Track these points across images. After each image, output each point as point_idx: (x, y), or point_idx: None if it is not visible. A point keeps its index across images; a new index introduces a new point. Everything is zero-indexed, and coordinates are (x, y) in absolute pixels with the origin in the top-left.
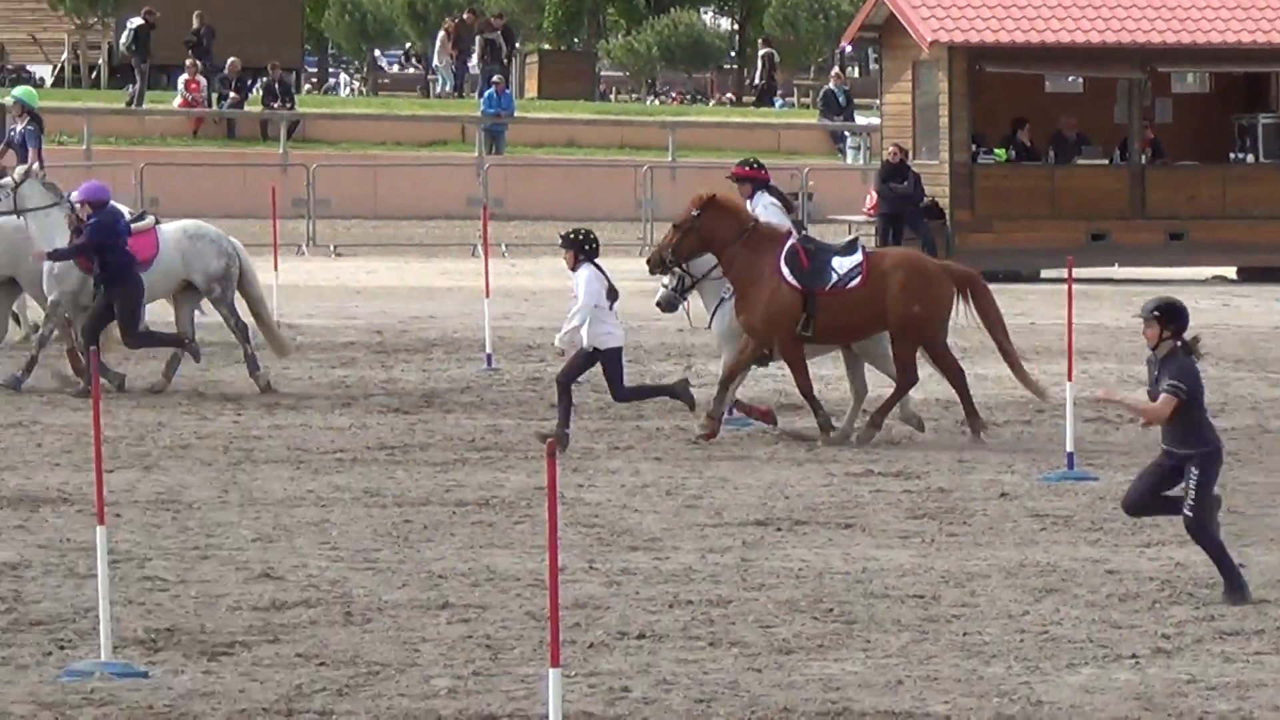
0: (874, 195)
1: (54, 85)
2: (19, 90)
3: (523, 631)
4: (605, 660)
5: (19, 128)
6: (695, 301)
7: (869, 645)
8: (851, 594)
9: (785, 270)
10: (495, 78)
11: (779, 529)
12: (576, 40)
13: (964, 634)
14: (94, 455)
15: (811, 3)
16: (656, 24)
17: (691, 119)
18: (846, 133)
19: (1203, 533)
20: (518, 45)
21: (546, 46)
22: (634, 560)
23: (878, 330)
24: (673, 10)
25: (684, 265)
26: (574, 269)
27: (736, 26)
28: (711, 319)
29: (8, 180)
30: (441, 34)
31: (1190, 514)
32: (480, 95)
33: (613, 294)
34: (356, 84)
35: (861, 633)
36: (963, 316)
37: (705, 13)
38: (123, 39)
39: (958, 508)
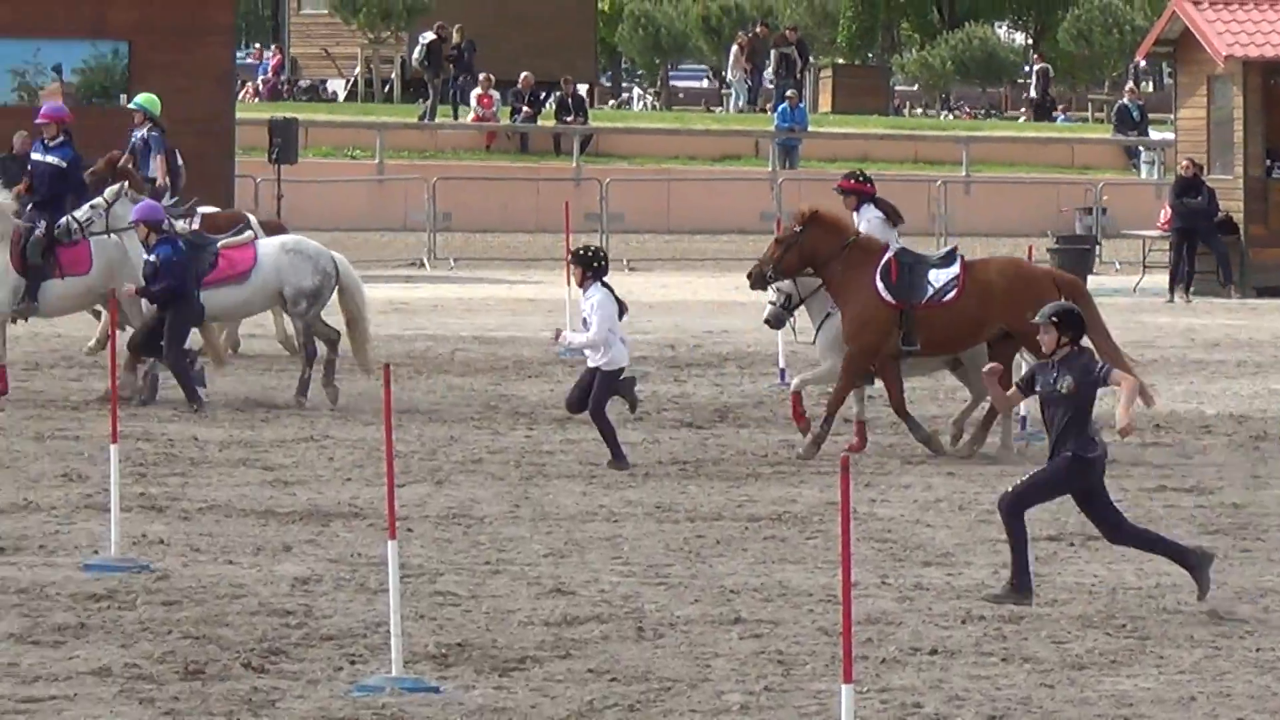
0: (1168, 210)
1: (347, 99)
2: (141, 98)
3: (815, 647)
4: (897, 676)
5: (141, 134)
6: (803, 317)
7: (1162, 661)
8: (1144, 610)
9: (880, 286)
10: (789, 92)
11: (1071, 544)
12: (870, 55)
13: (1257, 650)
14: (386, 470)
15: (1105, 17)
16: (951, 39)
17: (985, 134)
18: (1140, 147)
19: (1008, 517)
20: (812, 59)
21: (840, 61)
22: (927, 575)
23: (984, 339)
24: (967, 25)
25: (791, 280)
26: (582, 286)
27: (1030, 41)
28: (817, 332)
29: (99, 200)
30: (735, 48)
31: (1009, 490)
32: (774, 109)
33: (622, 310)
34: (649, 98)
35: (1154, 649)
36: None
37: (1000, 27)
38: (415, 53)
39: (1251, 523)
